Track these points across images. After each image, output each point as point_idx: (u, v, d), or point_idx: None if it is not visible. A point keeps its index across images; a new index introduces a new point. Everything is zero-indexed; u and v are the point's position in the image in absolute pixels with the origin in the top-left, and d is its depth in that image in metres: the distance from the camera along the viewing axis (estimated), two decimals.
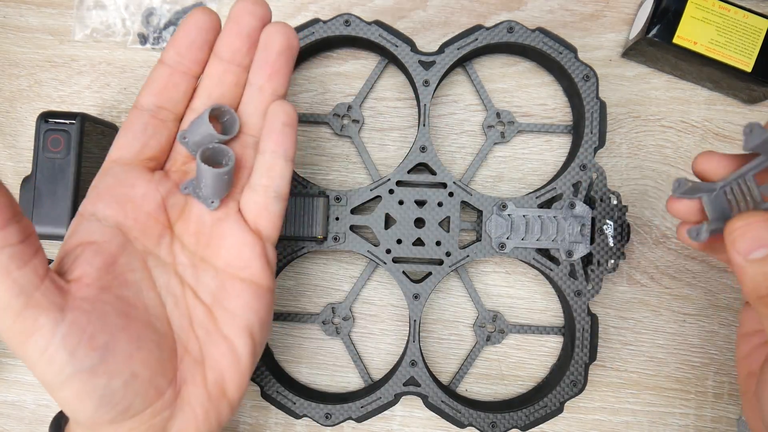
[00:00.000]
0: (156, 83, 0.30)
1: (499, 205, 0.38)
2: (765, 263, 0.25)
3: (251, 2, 0.30)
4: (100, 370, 0.26)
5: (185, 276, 0.30)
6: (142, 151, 0.30)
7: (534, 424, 0.37)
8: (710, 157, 0.29)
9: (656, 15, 0.37)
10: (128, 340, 0.27)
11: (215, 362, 0.29)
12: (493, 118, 0.40)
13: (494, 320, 0.40)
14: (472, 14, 0.41)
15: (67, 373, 0.25)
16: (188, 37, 0.29)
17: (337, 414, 0.37)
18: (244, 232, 0.30)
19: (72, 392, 0.26)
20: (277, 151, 0.30)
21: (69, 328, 0.25)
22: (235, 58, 0.30)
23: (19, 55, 0.42)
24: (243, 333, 0.30)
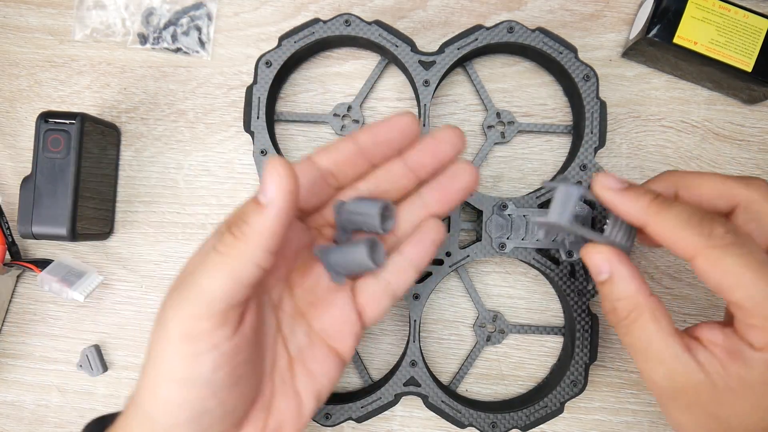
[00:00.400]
0: (339, 154, 0.31)
1: (499, 205, 0.38)
2: (605, 285, 0.30)
3: (457, 135, 0.31)
4: (220, 395, 0.27)
5: (283, 323, 0.31)
6: (302, 202, 0.31)
7: (534, 424, 0.37)
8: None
9: (656, 15, 0.37)
10: (250, 378, 0.29)
11: (280, 413, 0.30)
12: (493, 118, 0.40)
13: (494, 320, 0.40)
14: (472, 14, 0.41)
15: (198, 382, 0.26)
16: (389, 134, 0.31)
17: (337, 414, 0.37)
18: (350, 310, 0.32)
19: (182, 398, 0.26)
20: (415, 261, 0.32)
21: (230, 349, 0.27)
22: (418, 170, 0.32)
23: (19, 55, 0.42)
24: (314, 393, 0.31)
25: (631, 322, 0.29)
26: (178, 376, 0.26)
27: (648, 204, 0.29)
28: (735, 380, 0.27)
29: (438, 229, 0.32)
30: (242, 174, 0.41)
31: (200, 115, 0.42)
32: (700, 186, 0.30)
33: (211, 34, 0.42)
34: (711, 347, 0.28)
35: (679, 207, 0.28)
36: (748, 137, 0.41)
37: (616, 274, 0.30)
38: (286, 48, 0.39)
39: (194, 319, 0.26)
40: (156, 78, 0.42)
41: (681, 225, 0.28)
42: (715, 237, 0.27)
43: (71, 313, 0.41)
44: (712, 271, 0.27)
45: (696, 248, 0.27)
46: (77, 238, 0.37)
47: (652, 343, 0.29)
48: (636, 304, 0.29)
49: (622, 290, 0.30)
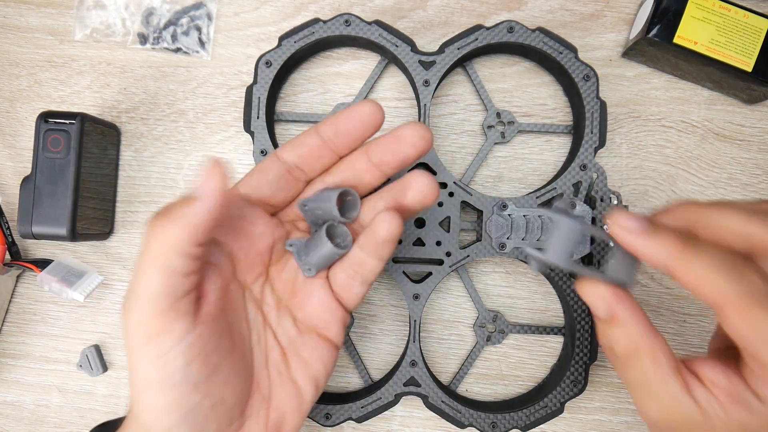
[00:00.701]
0: (303, 147, 0.31)
1: (500, 205, 0.38)
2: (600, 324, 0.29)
3: (419, 135, 0.30)
4: (201, 388, 0.27)
5: (269, 317, 0.32)
6: (269, 198, 0.32)
7: (534, 424, 0.37)
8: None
9: (656, 15, 0.37)
10: (230, 366, 0.29)
11: (280, 403, 0.31)
12: (493, 118, 0.40)
13: (494, 320, 0.40)
14: (472, 14, 0.41)
15: (174, 380, 0.26)
16: (350, 124, 0.31)
17: (337, 414, 0.37)
18: (329, 298, 0.32)
19: (165, 400, 0.26)
20: (372, 252, 0.31)
21: (195, 340, 0.27)
22: (382, 167, 0.31)
23: (19, 55, 0.42)
24: (310, 380, 0.31)
25: (628, 361, 0.28)
26: (154, 379, 0.26)
27: (672, 247, 0.27)
28: (735, 426, 0.26)
29: (388, 226, 0.30)
30: (242, 174, 0.41)
31: (200, 115, 0.42)
32: (721, 225, 0.27)
33: (211, 34, 0.42)
34: (712, 388, 0.27)
35: (708, 251, 0.26)
36: (748, 137, 0.41)
37: (618, 314, 0.28)
38: (286, 48, 0.39)
39: (147, 320, 0.26)
40: (156, 78, 0.42)
41: (711, 271, 0.26)
42: (749, 285, 0.25)
43: (71, 313, 0.41)
44: (740, 323, 0.25)
45: (726, 297, 0.25)
46: (77, 238, 0.37)
47: (650, 381, 0.28)
48: (636, 348, 0.28)
49: (622, 332, 0.28)
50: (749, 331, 0.25)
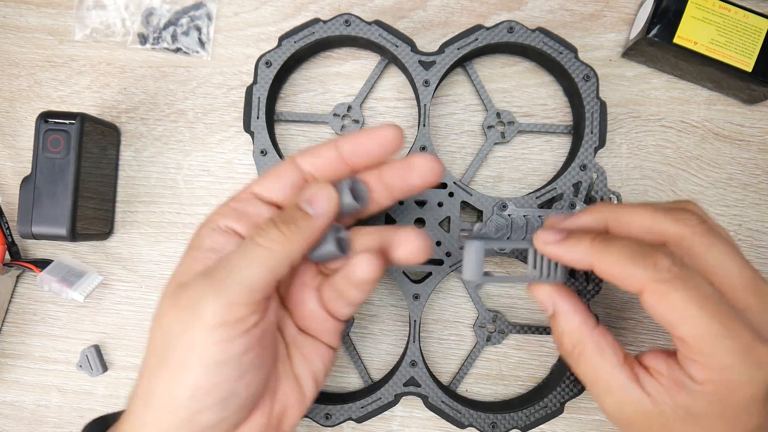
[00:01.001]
0: (321, 159, 0.31)
1: (500, 206, 0.38)
2: (552, 321, 0.32)
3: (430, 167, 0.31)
4: (246, 377, 0.28)
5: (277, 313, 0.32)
6: (281, 202, 0.32)
7: (534, 424, 0.37)
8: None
9: (656, 15, 0.37)
10: (270, 362, 0.30)
11: (284, 396, 0.31)
12: (493, 118, 0.40)
13: (494, 320, 0.40)
14: (472, 14, 0.41)
15: (230, 363, 0.27)
16: (371, 146, 0.31)
17: (337, 414, 0.37)
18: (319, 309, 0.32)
19: (210, 382, 0.27)
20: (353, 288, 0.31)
21: (258, 333, 0.28)
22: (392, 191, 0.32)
23: (19, 55, 0.42)
24: (311, 376, 0.32)
25: (577, 355, 0.31)
26: (211, 360, 0.27)
27: (589, 246, 0.29)
28: (682, 410, 0.27)
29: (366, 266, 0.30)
30: (242, 174, 0.41)
31: (200, 115, 0.42)
32: (630, 221, 0.30)
33: (211, 34, 0.42)
34: (657, 376, 0.28)
35: (620, 243, 0.28)
36: (748, 137, 0.41)
37: (558, 309, 0.31)
38: (286, 48, 0.39)
39: (233, 306, 0.27)
40: (156, 78, 0.42)
41: (624, 261, 0.28)
42: (660, 270, 0.27)
43: (71, 313, 0.41)
44: (658, 306, 0.27)
45: (642, 283, 0.27)
46: (77, 238, 0.37)
47: (599, 375, 0.30)
48: (579, 338, 0.30)
49: (564, 326, 0.31)
50: (667, 311, 0.27)
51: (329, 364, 0.33)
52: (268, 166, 0.38)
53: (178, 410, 0.27)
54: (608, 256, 0.28)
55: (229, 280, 0.27)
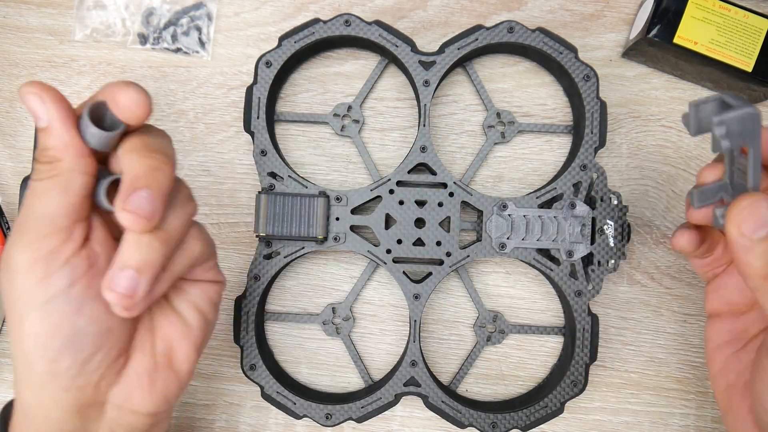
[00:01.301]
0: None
1: (500, 205, 0.38)
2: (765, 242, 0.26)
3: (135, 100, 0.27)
4: (85, 311, 0.26)
5: None
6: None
7: (534, 424, 0.37)
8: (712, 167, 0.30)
9: (656, 15, 0.37)
10: None
11: (166, 332, 0.30)
12: (494, 118, 0.40)
13: (494, 320, 0.40)
14: (472, 14, 0.41)
15: (57, 301, 0.25)
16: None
17: (338, 414, 0.37)
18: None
19: (48, 324, 0.26)
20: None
21: (81, 261, 0.26)
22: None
23: (19, 55, 0.42)
24: (192, 307, 0.30)
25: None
26: (37, 302, 0.25)
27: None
28: None
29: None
30: (242, 174, 0.41)
31: (200, 115, 0.42)
32: None
33: (211, 34, 0.42)
34: None
35: None
36: None
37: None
38: (286, 48, 0.39)
39: (39, 241, 0.25)
40: (156, 78, 0.42)
41: None
42: None
43: None
44: None
45: None
46: None
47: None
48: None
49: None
50: None
51: (215, 295, 0.31)
52: (268, 166, 0.38)
53: (34, 365, 0.26)
54: None
55: (29, 221, 0.26)
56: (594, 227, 0.38)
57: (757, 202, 0.26)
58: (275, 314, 0.40)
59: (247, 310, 0.38)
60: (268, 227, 0.37)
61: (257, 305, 0.38)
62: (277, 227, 0.37)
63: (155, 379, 0.29)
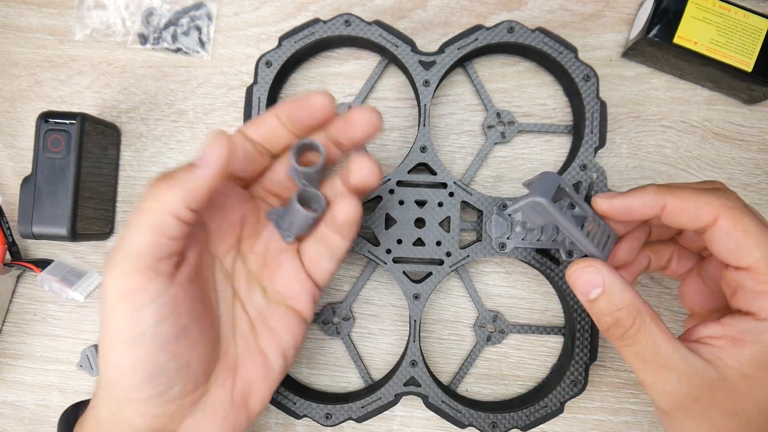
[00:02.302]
0: (264, 127, 0.32)
1: (500, 205, 0.38)
2: (600, 301, 0.29)
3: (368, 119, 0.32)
4: (169, 348, 0.27)
5: (239, 289, 0.33)
6: (239, 172, 0.32)
7: (534, 424, 0.37)
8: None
9: (656, 15, 0.37)
10: (199, 330, 0.29)
11: (248, 372, 0.31)
12: (493, 118, 0.40)
13: (494, 320, 0.40)
14: (472, 14, 0.41)
15: (144, 338, 0.27)
16: (302, 113, 0.32)
17: (338, 414, 0.37)
18: (298, 270, 0.33)
19: (133, 357, 0.27)
20: (337, 233, 0.32)
21: (168, 300, 0.27)
22: (339, 146, 0.33)
23: (19, 55, 0.42)
24: (278, 351, 0.32)
25: (636, 331, 0.28)
26: (125, 335, 0.27)
27: (656, 189, 0.29)
28: (747, 365, 0.27)
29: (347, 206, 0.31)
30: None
31: (200, 115, 0.42)
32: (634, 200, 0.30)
33: (211, 34, 0.42)
34: (713, 342, 0.28)
35: (683, 183, 0.30)
36: (748, 137, 0.41)
37: (611, 284, 0.29)
38: (287, 48, 0.39)
39: (127, 276, 0.26)
40: (156, 78, 0.42)
41: (696, 193, 0.28)
42: (733, 198, 0.28)
43: (71, 313, 0.41)
44: (734, 230, 0.27)
45: (717, 210, 0.27)
46: (77, 238, 0.37)
47: (660, 349, 0.28)
48: (638, 310, 0.29)
49: (621, 299, 0.29)
50: (742, 236, 0.27)
51: (299, 338, 0.33)
52: None
53: (114, 390, 0.28)
54: (679, 191, 0.29)
55: (120, 251, 0.27)
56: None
57: (583, 268, 0.30)
58: None
59: None
60: None
61: None
62: None
63: (228, 416, 0.30)
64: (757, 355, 0.27)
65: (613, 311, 0.29)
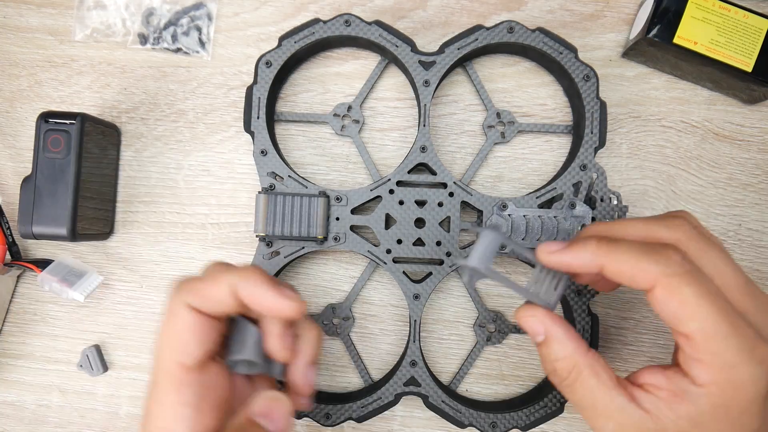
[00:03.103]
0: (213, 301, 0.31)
1: (500, 205, 0.38)
2: (542, 347, 0.30)
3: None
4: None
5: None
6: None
7: (534, 424, 0.37)
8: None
9: (656, 15, 0.37)
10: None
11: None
12: (493, 118, 0.40)
13: (494, 320, 0.40)
14: (472, 14, 0.41)
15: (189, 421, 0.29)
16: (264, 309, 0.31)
17: (338, 414, 0.37)
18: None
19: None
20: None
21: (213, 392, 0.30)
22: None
23: (19, 55, 0.42)
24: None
25: (572, 381, 0.29)
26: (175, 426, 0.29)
27: (596, 247, 0.29)
28: (685, 421, 0.27)
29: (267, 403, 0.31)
30: (242, 174, 0.41)
31: (200, 115, 0.42)
32: (624, 234, 0.30)
33: (211, 34, 0.42)
34: (655, 391, 0.28)
35: (628, 242, 0.28)
36: (748, 137, 0.41)
37: (551, 334, 0.30)
38: (286, 48, 0.39)
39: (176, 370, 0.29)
40: (156, 78, 0.42)
41: (636, 256, 0.27)
42: (672, 265, 0.27)
43: (71, 313, 0.41)
44: (670, 300, 0.27)
45: (654, 278, 0.27)
46: (77, 238, 0.37)
47: (596, 399, 0.29)
48: (574, 363, 0.29)
49: (559, 351, 0.30)
50: (679, 306, 0.26)
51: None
52: (269, 166, 0.38)
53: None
54: (618, 254, 0.28)
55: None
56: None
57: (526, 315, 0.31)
58: None
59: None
60: (268, 227, 0.37)
61: None
62: (278, 227, 0.37)
63: None
64: (693, 414, 0.27)
65: (552, 361, 0.30)
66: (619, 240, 0.29)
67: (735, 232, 0.41)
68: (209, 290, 0.30)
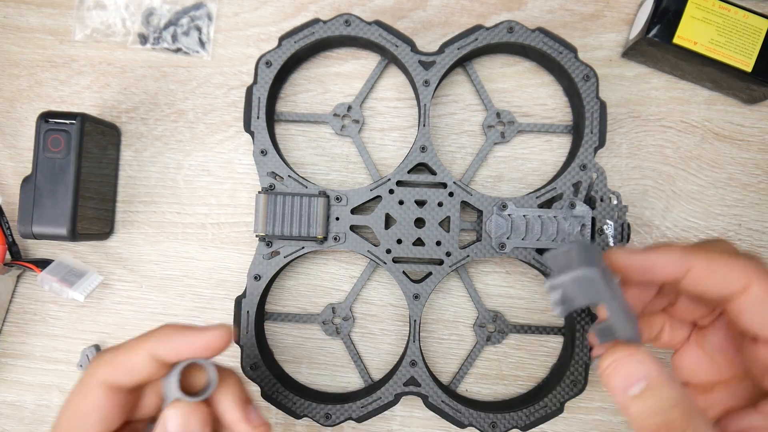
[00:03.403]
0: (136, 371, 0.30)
1: (499, 205, 0.38)
2: (645, 398, 0.24)
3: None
4: None
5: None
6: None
7: (534, 424, 0.37)
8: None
9: (656, 15, 0.37)
10: None
11: None
12: (493, 118, 0.40)
13: (494, 320, 0.40)
14: (472, 14, 0.41)
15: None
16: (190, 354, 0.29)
17: (338, 414, 0.37)
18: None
19: None
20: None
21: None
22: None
23: (19, 55, 0.42)
24: None
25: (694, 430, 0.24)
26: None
27: (682, 249, 0.26)
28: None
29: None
30: (242, 174, 0.41)
31: (200, 115, 0.42)
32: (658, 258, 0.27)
33: (211, 34, 0.42)
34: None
35: (712, 243, 0.26)
36: (748, 137, 0.41)
37: (659, 377, 0.24)
38: (286, 48, 0.39)
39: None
40: (156, 78, 0.42)
41: (727, 257, 0.26)
42: (763, 265, 0.25)
43: (71, 313, 0.41)
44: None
45: (750, 276, 0.25)
46: (77, 238, 0.37)
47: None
48: (690, 409, 0.24)
49: (673, 395, 0.24)
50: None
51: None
52: (268, 165, 0.38)
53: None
54: (710, 253, 0.26)
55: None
56: (594, 227, 0.38)
57: (624, 358, 0.24)
58: (275, 314, 0.40)
59: (247, 310, 0.38)
60: (268, 227, 0.37)
61: (257, 305, 0.38)
62: (277, 227, 0.37)
63: None
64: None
65: (665, 410, 0.24)
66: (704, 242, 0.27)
67: (735, 232, 0.41)
68: (126, 359, 0.28)
